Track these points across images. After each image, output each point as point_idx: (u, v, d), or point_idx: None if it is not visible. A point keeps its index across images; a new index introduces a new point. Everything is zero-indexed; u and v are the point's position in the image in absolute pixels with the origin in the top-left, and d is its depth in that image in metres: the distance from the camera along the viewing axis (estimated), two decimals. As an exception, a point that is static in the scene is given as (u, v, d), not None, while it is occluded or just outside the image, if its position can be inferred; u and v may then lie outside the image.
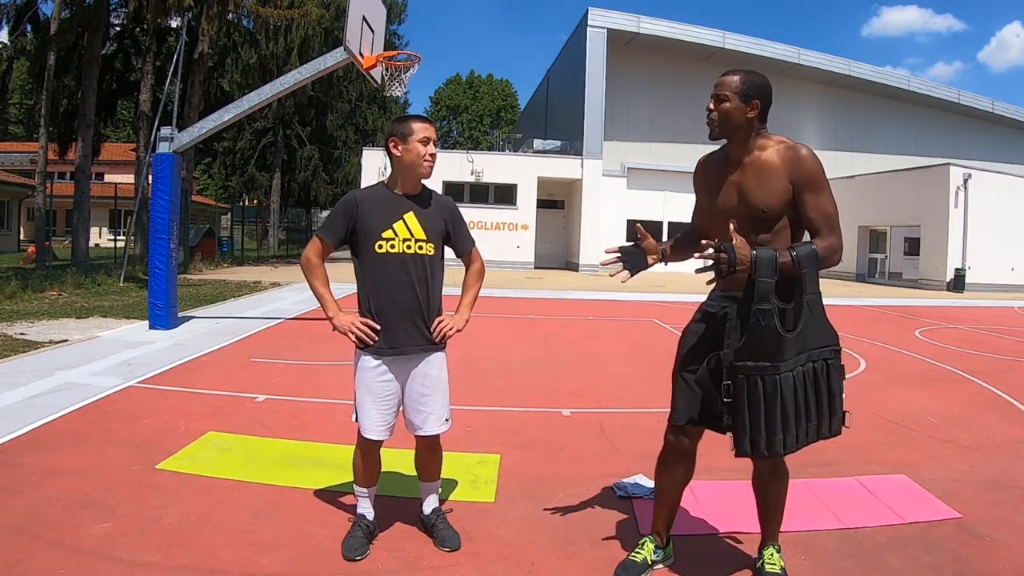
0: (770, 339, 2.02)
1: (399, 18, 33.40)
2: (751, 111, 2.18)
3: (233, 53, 23.44)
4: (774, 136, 2.23)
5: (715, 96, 2.22)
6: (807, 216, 2.15)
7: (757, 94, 2.18)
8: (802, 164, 2.14)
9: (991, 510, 3.05)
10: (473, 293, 2.64)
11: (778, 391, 2.03)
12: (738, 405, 2.06)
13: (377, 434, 2.48)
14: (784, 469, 2.33)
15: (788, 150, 2.17)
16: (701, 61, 24.22)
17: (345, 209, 2.46)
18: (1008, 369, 6.89)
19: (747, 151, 2.22)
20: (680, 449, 2.33)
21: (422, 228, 2.47)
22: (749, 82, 2.18)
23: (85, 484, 3.03)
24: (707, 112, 2.24)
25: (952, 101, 27.31)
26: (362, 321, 2.43)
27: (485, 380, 5.57)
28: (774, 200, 2.15)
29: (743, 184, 2.21)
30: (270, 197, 30.34)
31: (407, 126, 2.44)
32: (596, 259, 22.64)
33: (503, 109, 60.02)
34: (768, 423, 2.04)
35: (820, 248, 2.10)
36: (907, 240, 23.07)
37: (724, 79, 2.22)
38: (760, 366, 2.03)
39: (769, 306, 2.02)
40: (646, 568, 2.37)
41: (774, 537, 2.40)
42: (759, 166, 2.19)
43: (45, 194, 17.02)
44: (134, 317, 8.37)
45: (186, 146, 8.13)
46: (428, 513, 2.66)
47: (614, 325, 9.82)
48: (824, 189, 2.16)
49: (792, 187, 2.14)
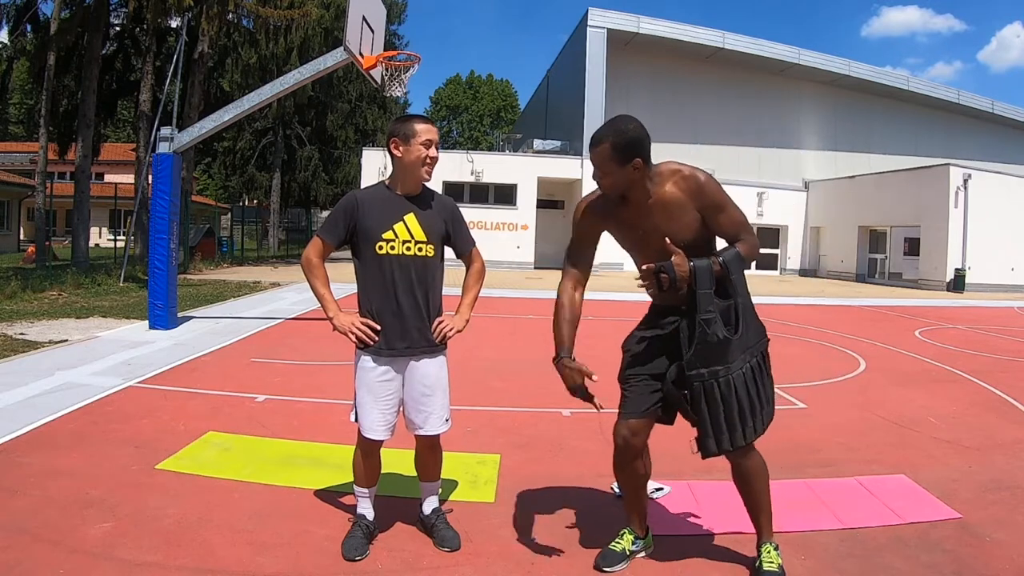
0: (718, 344, 2.17)
1: (399, 18, 33.41)
2: (635, 169, 2.17)
3: (233, 53, 23.46)
4: (662, 166, 2.24)
5: (596, 170, 2.22)
6: (724, 232, 2.27)
7: (633, 151, 2.15)
8: (704, 192, 2.20)
9: (991, 510, 3.05)
10: (473, 294, 2.63)
11: (732, 390, 2.18)
12: (698, 411, 2.20)
13: (378, 434, 2.48)
14: (761, 461, 2.38)
15: (685, 180, 2.20)
16: (701, 61, 24.25)
17: (345, 210, 2.45)
18: (1008, 369, 6.89)
19: (647, 195, 2.24)
20: (633, 448, 2.40)
21: (422, 230, 2.46)
22: (619, 145, 2.14)
23: (85, 484, 3.03)
24: (598, 184, 2.27)
25: (952, 101, 27.32)
26: (362, 321, 2.42)
27: (485, 380, 5.57)
28: (688, 232, 2.23)
29: (655, 226, 2.24)
30: (270, 197, 30.32)
31: (410, 127, 2.42)
32: (596, 259, 22.62)
33: (503, 109, 60.02)
34: (728, 421, 2.19)
35: (743, 251, 2.23)
36: (907, 240, 23.06)
37: (595, 153, 2.18)
38: (713, 371, 2.18)
39: (712, 314, 2.17)
40: (624, 557, 2.45)
41: (769, 534, 2.43)
42: (663, 203, 2.22)
43: (45, 194, 17.00)
44: (134, 317, 8.37)
45: (186, 146, 8.13)
46: (428, 513, 2.66)
47: (614, 325, 9.79)
48: (728, 204, 2.25)
49: (700, 215, 2.23)
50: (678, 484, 3.19)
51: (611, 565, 2.40)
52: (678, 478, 3.24)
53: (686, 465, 2.62)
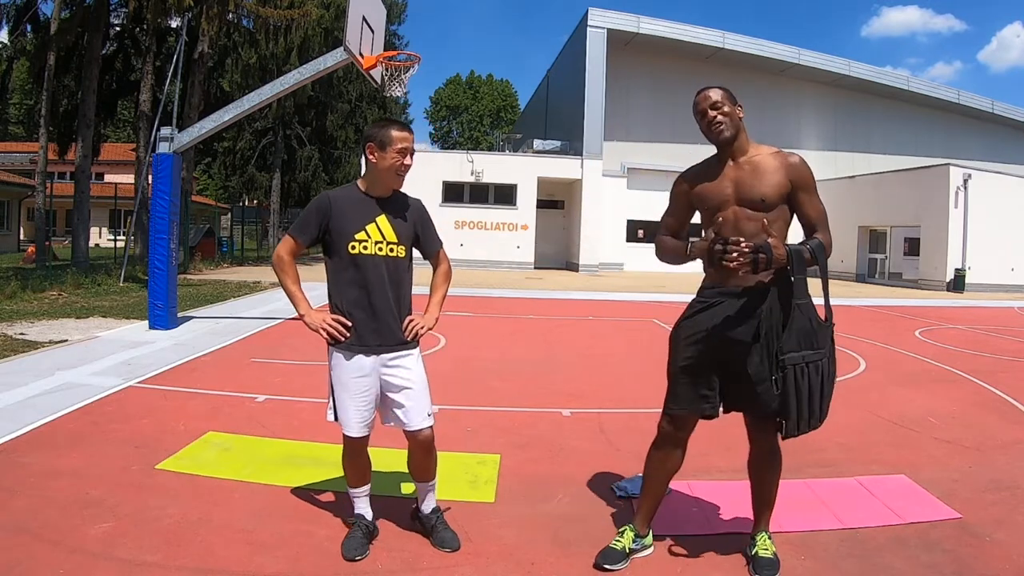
0: (812, 329, 2.24)
1: (399, 18, 33.42)
2: (741, 113, 2.39)
3: (233, 53, 23.45)
4: (762, 146, 2.43)
5: (711, 106, 2.37)
6: (806, 214, 2.36)
7: (736, 100, 2.40)
8: (798, 167, 2.35)
9: (991, 510, 3.05)
10: (441, 293, 2.70)
11: (819, 376, 2.25)
12: (788, 394, 2.23)
13: (357, 431, 2.49)
14: (780, 453, 2.46)
15: (781, 156, 2.38)
16: (701, 61, 24.22)
17: (318, 210, 2.49)
18: (1008, 369, 6.89)
19: (743, 151, 2.39)
20: (674, 438, 2.45)
21: (393, 231, 2.51)
22: (728, 91, 2.39)
23: (85, 484, 3.03)
24: (713, 118, 2.35)
25: (952, 101, 27.29)
26: (333, 318, 2.46)
27: (485, 380, 5.57)
28: (772, 191, 2.31)
29: (740, 179, 2.37)
30: (270, 197, 30.32)
31: (386, 134, 2.47)
32: (596, 259, 22.67)
33: (503, 109, 59.99)
34: (810, 406, 2.25)
35: (825, 242, 2.30)
36: (907, 240, 23.06)
37: (709, 92, 2.39)
38: (805, 355, 2.23)
39: (807, 299, 2.26)
40: (624, 556, 2.45)
41: (766, 525, 2.51)
42: (755, 164, 2.37)
43: (45, 194, 16.99)
44: (134, 317, 8.37)
45: (186, 146, 8.13)
46: (427, 514, 2.65)
47: (614, 325, 9.82)
48: (816, 191, 2.38)
49: (790, 185, 2.33)
50: (678, 484, 3.18)
51: (612, 563, 2.41)
52: (678, 478, 3.22)
53: (686, 465, 2.62)
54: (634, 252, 23.34)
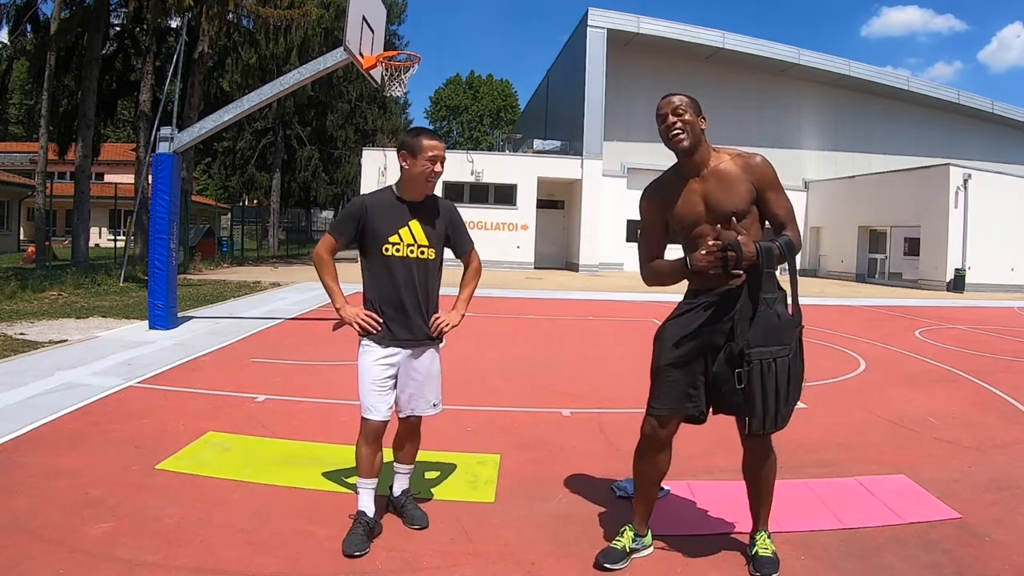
0: (779, 325, 2.25)
1: (399, 18, 33.46)
2: (703, 124, 2.39)
3: (233, 53, 23.45)
4: (721, 149, 2.44)
5: (673, 111, 2.37)
6: (773, 212, 2.38)
7: (701, 110, 2.40)
8: (760, 167, 2.38)
9: (991, 510, 3.05)
10: (470, 289, 2.84)
11: (785, 371, 2.25)
12: (753, 389, 2.23)
13: (375, 413, 2.60)
14: (774, 452, 2.47)
15: (742, 159, 2.39)
16: (701, 61, 24.23)
17: (353, 213, 2.67)
18: (1008, 369, 6.89)
19: (705, 163, 2.40)
20: (658, 440, 2.45)
21: (424, 235, 2.67)
22: (693, 100, 2.39)
23: (85, 484, 3.03)
24: (672, 123, 2.35)
25: (952, 101, 27.29)
26: (366, 313, 2.62)
27: (485, 380, 5.57)
28: (741, 202, 2.34)
29: (707, 192, 2.39)
30: (270, 197, 30.34)
31: (418, 142, 2.60)
32: (596, 259, 22.66)
33: (503, 109, 60.00)
34: (777, 401, 2.24)
35: (793, 239, 2.33)
36: (907, 240, 23.06)
37: (672, 98, 2.38)
38: (771, 350, 2.23)
39: (775, 294, 2.26)
40: (624, 555, 2.46)
41: (765, 525, 2.52)
42: (720, 175, 2.38)
43: (45, 194, 16.99)
44: (134, 317, 8.37)
45: (186, 146, 8.13)
46: (398, 495, 2.81)
47: (614, 325, 9.81)
48: (781, 188, 2.40)
49: (754, 189, 2.35)
50: (678, 484, 3.19)
51: (612, 563, 2.41)
52: (678, 478, 3.24)
53: (686, 465, 2.62)
54: (634, 252, 23.12)
